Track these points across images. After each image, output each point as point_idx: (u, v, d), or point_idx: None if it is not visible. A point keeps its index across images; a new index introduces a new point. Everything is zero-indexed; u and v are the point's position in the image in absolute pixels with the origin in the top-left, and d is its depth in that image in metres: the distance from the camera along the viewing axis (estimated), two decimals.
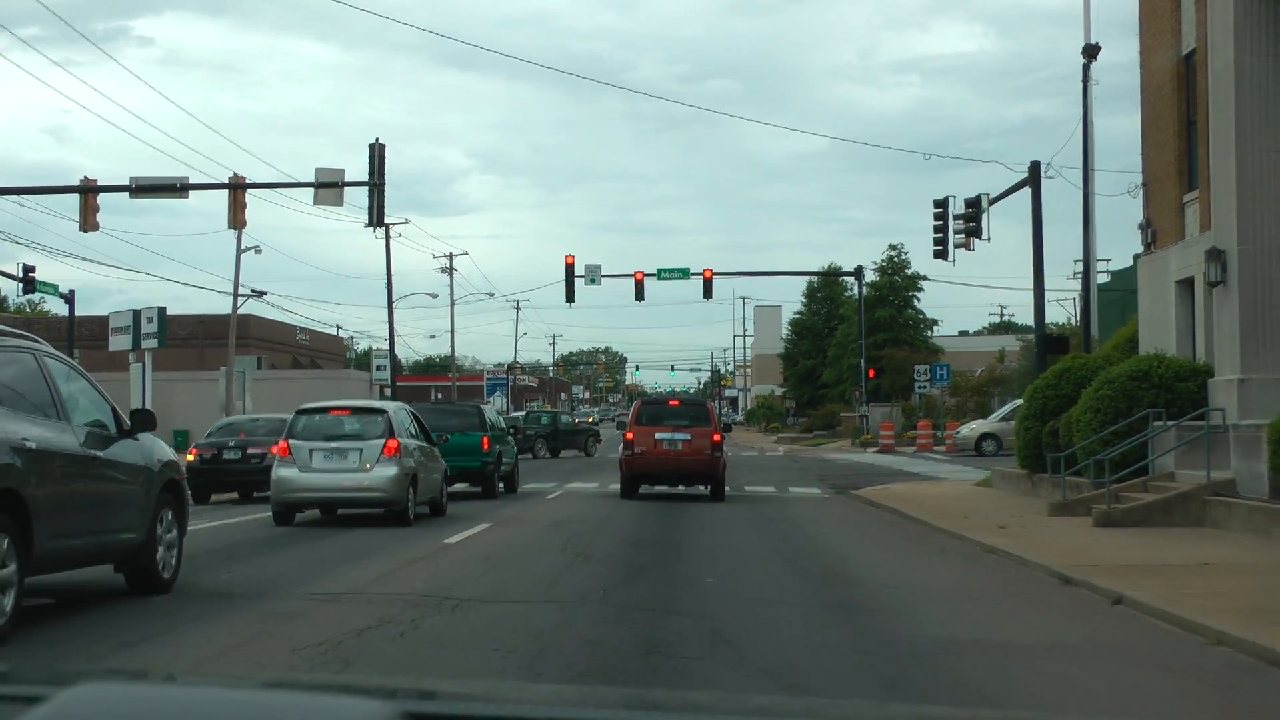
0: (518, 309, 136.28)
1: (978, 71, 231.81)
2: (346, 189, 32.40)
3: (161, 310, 60.74)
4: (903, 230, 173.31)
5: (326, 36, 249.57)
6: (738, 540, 18.29)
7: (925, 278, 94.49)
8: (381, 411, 20.74)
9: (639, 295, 58.41)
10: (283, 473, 20.24)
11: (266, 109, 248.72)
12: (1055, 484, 23.66)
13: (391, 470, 19.98)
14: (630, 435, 27.44)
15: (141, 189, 32.11)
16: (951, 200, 44.10)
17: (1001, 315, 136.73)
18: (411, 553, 16.21)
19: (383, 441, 20.13)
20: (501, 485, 29.70)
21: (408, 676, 7.35)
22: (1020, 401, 51.44)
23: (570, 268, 57.63)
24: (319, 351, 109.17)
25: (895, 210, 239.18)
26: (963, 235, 41.89)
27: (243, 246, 62.18)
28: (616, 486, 28.78)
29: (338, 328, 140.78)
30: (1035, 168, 34.83)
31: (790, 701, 2.77)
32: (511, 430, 31.35)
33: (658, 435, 27.25)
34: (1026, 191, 35.40)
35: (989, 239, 40.02)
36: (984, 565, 15.70)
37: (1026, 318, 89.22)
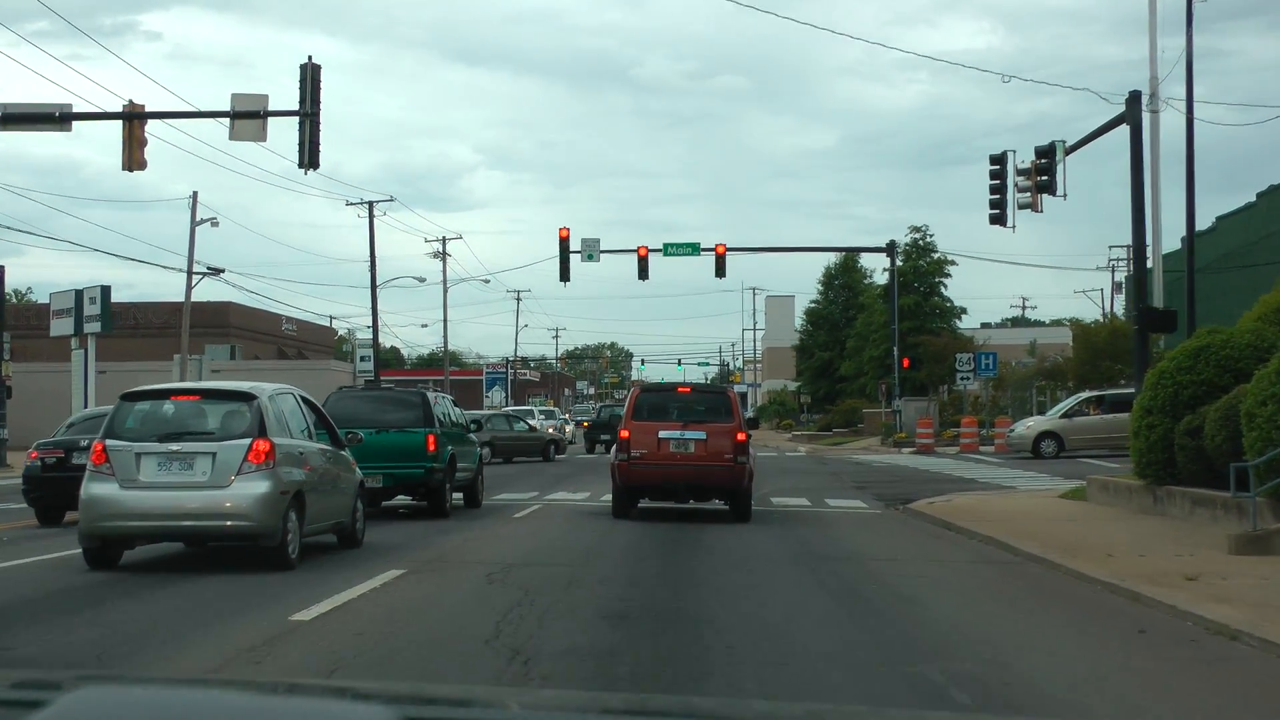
0: (518, 299, 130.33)
1: (986, 69, 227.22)
2: (271, 120, 25.52)
3: (105, 290, 53.98)
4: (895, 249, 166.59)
5: (334, 32, 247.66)
6: (790, 607, 11.44)
7: (953, 261, 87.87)
8: (248, 397, 13.77)
9: (643, 274, 51.65)
10: (96, 490, 13.43)
11: (273, 104, 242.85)
12: (1226, 506, 16.79)
13: (260, 486, 13.15)
14: (625, 433, 20.61)
15: (11, 118, 25.33)
16: (1011, 156, 37.34)
17: (1024, 307, 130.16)
18: (232, 639, 9.44)
19: (247, 443, 13.29)
20: (461, 498, 22.91)
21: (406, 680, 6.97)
22: (1087, 394, 44.84)
23: (565, 242, 50.84)
24: (307, 342, 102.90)
25: (904, 208, 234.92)
26: (1028, 193, 35.01)
27: (198, 219, 55.46)
28: (610, 498, 21.89)
29: (330, 319, 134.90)
30: (1134, 100, 27.95)
31: (792, 707, 2.58)
32: (474, 426, 24.38)
33: (663, 434, 20.46)
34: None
35: (1065, 194, 33.12)
36: (1247, 670, 8.84)
37: (1049, 311, 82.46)
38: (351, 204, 79.91)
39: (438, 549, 15.76)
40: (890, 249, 51.84)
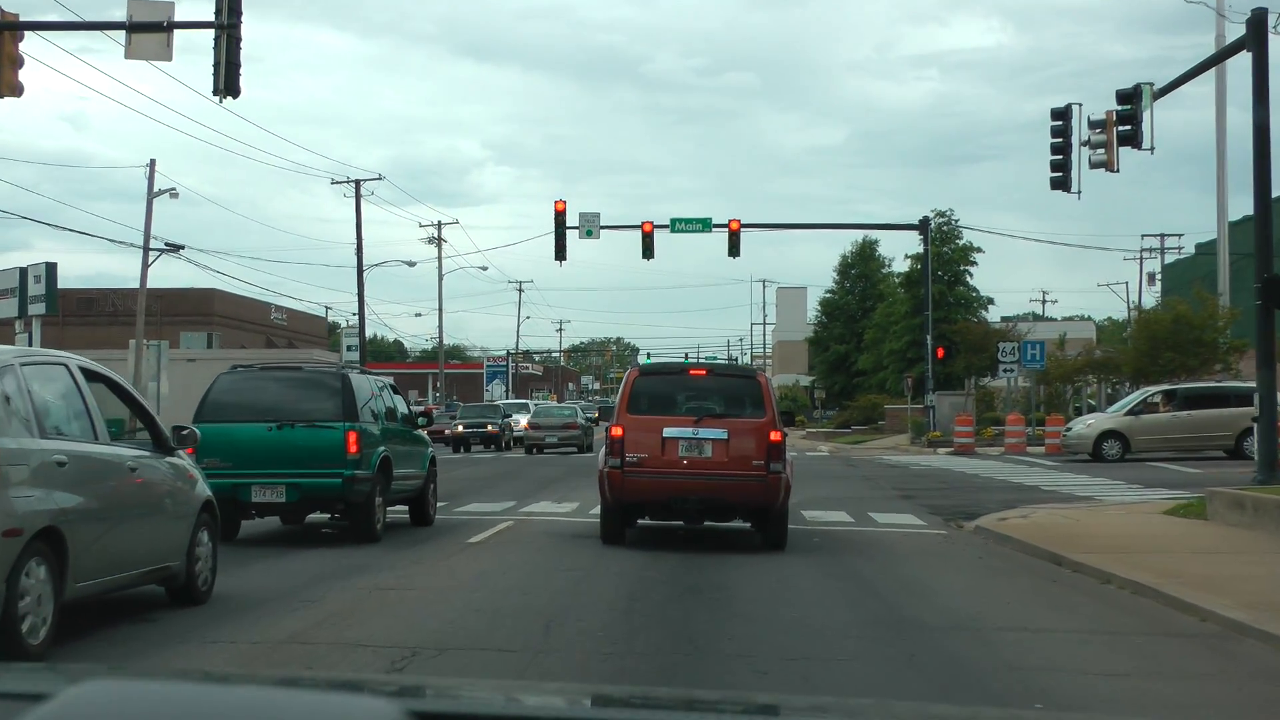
0: (520, 290, 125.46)
1: (996, 66, 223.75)
2: (178, 33, 20.10)
3: (51, 267, 48.14)
4: (910, 239, 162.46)
5: (344, 26, 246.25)
6: None
7: (979, 249, 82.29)
8: None
9: (647, 252, 46.31)
10: None
11: (283, 99, 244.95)
12: None
13: None
14: (617, 430, 15.17)
15: None
16: (1076, 109, 32.02)
17: (1044, 301, 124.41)
18: None
19: None
20: (408, 514, 17.52)
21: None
22: (1155, 388, 39.27)
23: (560, 216, 45.51)
24: (298, 332, 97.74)
25: (912, 205, 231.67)
26: (1102, 149, 29.60)
27: (155, 189, 49.99)
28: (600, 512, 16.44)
29: (327, 309, 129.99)
30: (1259, 19, 22.46)
31: (796, 699, 2.65)
32: (424, 421, 18.75)
33: (669, 432, 15.09)
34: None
35: (1152, 147, 27.67)
36: None
37: (1066, 307, 76.82)
38: (337, 182, 74.71)
39: (312, 614, 10.14)
40: (924, 226, 46.34)
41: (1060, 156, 32.56)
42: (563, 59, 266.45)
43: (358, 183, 74.06)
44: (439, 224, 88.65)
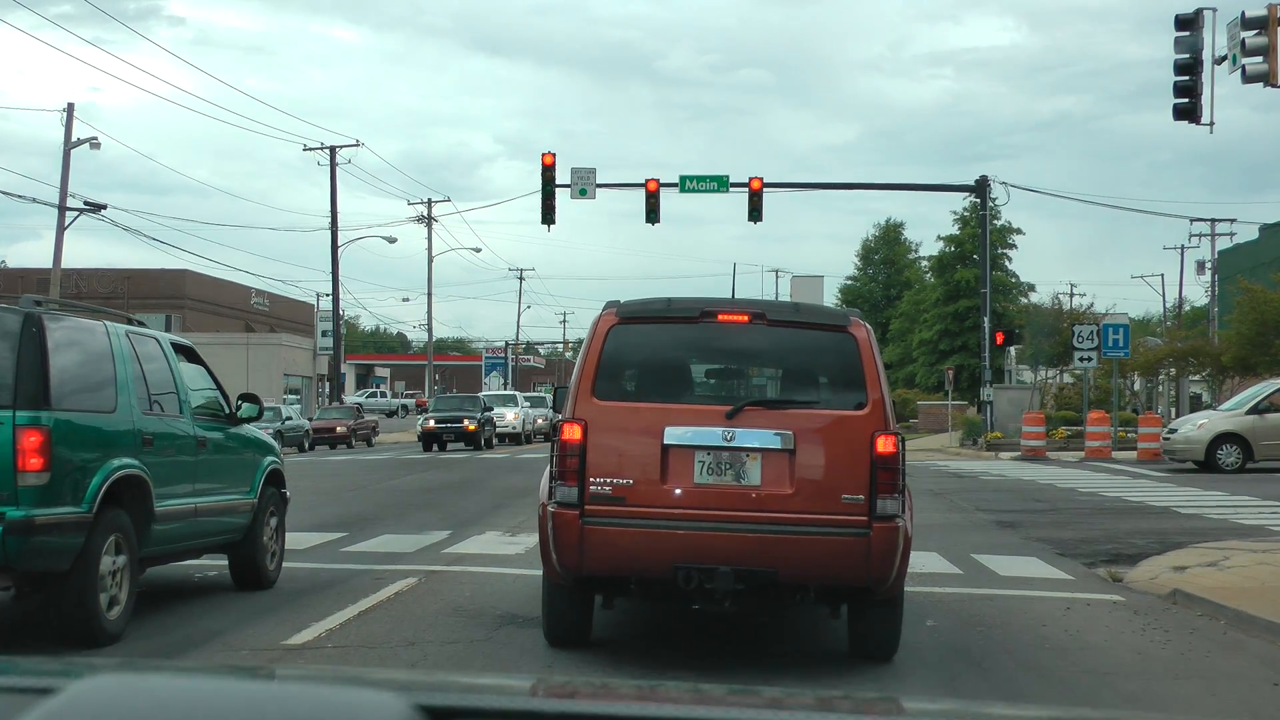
0: (521, 279, 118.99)
1: (1010, 65, 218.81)
2: None
3: None
4: (932, 224, 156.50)
5: (358, 19, 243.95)
6: None
7: (1018, 230, 74.79)
8: None
9: (651, 216, 38.91)
10: None
11: (296, 92, 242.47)
12: None
13: None
14: (573, 431, 7.86)
15: None
16: (1210, 15, 24.89)
17: (1071, 294, 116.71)
18: None
19: None
20: (229, 569, 10.20)
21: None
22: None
23: (549, 170, 38.12)
24: (281, 319, 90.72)
25: (923, 204, 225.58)
26: (1260, 58, 22.46)
27: (73, 138, 42.57)
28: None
29: (318, 295, 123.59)
30: None
31: (802, 693, 2.07)
32: (254, 413, 10.72)
33: (676, 436, 7.78)
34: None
35: None
36: None
37: (1100, 304, 69.44)
38: (310, 149, 67.41)
39: None
40: (981, 187, 38.78)
41: (1187, 77, 25.14)
42: (576, 54, 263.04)
43: (333, 149, 66.75)
44: (429, 201, 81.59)
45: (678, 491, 7.70)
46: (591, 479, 7.72)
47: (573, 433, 7.77)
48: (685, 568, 7.57)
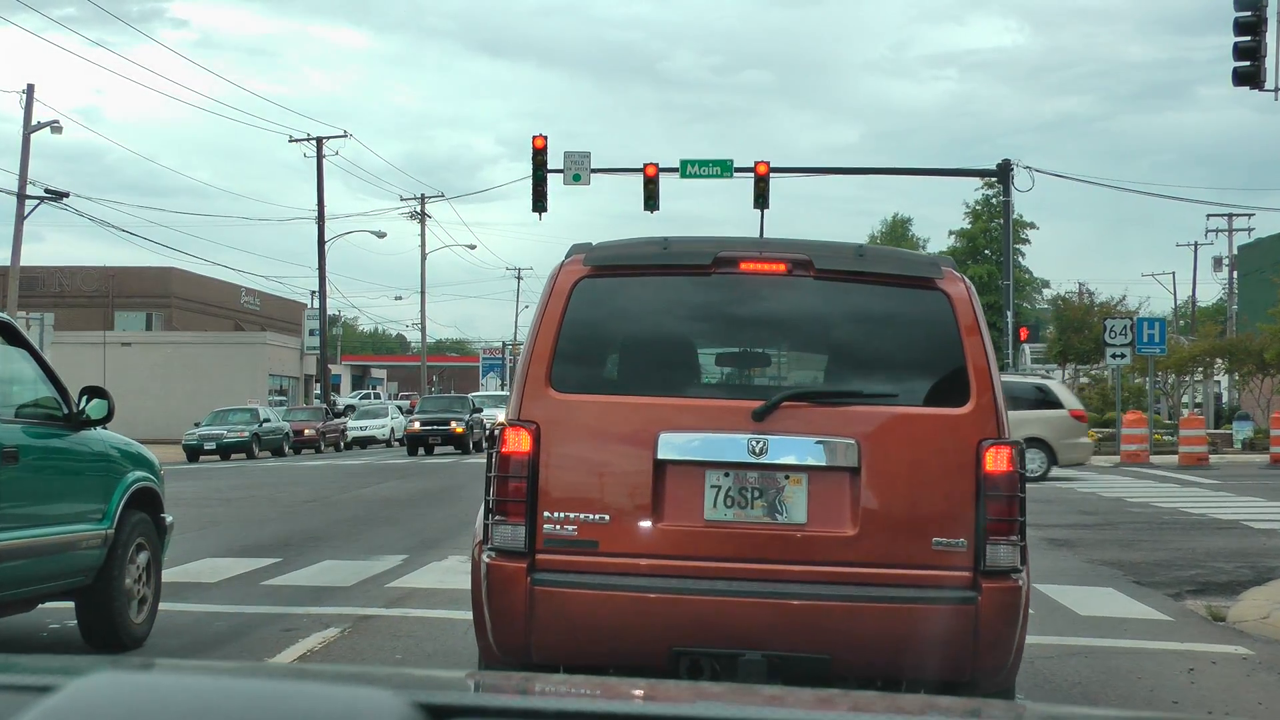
0: (519, 278, 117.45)
1: (1013, 67, 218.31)
2: None
3: None
4: (937, 223, 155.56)
5: (360, 21, 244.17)
6: None
7: (1032, 224, 72.35)
8: None
9: (650, 203, 36.42)
10: None
11: (297, 94, 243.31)
12: None
13: None
14: (519, 439, 5.19)
15: None
16: None
17: (1081, 292, 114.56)
18: None
19: None
20: (76, 620, 7.57)
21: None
22: None
23: (540, 154, 35.57)
24: (272, 318, 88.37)
25: (925, 205, 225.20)
26: None
27: (34, 122, 39.87)
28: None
29: (312, 294, 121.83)
30: None
31: (802, 692, 2.06)
32: (91, 404, 7.84)
33: (673, 446, 5.03)
34: None
35: None
36: None
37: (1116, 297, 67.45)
38: (296, 140, 64.80)
39: None
40: (1004, 171, 36.12)
41: (1249, 37, 22.71)
42: (579, 56, 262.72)
43: (319, 140, 64.12)
44: (422, 196, 79.14)
45: (679, 533, 5.09)
46: (546, 513, 5.09)
47: (518, 442, 5.12)
48: (691, 653, 4.91)
